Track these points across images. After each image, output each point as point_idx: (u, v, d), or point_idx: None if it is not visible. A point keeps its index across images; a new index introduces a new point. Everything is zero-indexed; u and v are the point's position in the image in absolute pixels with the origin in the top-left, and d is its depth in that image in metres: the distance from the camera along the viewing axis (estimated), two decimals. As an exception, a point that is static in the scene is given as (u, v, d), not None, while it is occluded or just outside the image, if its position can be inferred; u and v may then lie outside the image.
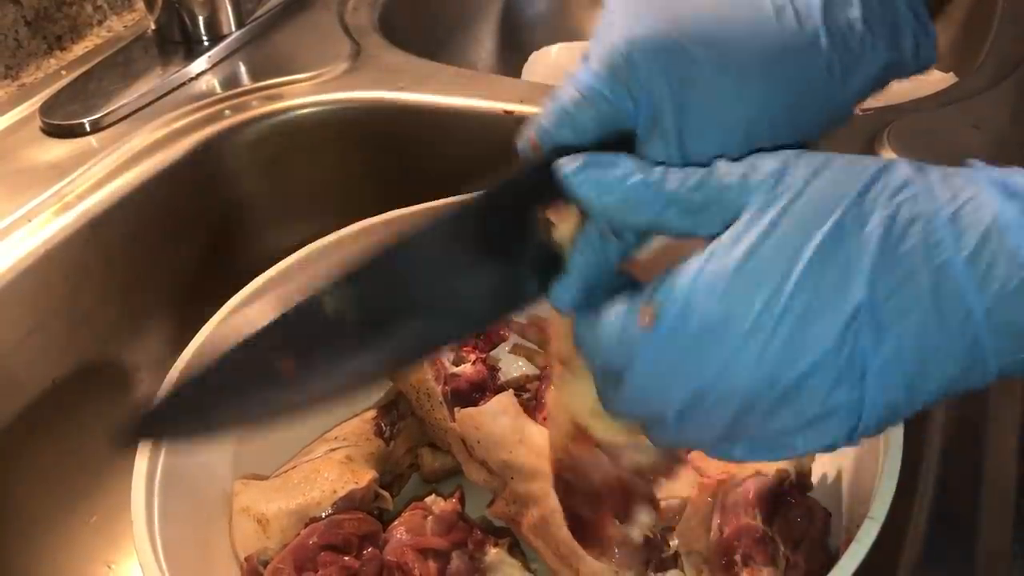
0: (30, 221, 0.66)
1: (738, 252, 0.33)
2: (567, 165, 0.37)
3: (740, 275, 0.33)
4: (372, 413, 0.62)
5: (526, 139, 0.41)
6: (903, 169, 0.34)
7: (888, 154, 0.66)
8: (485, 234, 0.39)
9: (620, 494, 0.47)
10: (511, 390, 0.56)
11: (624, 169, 0.36)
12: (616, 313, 0.36)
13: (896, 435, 0.46)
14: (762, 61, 0.38)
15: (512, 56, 1.08)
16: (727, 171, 0.35)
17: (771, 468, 0.48)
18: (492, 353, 0.62)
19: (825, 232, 0.33)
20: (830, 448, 0.35)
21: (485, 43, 1.09)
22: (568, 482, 0.48)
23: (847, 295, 0.32)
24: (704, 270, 0.34)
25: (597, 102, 0.39)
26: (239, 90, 0.80)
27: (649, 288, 0.35)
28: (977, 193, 0.33)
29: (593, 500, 0.47)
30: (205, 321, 0.58)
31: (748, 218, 0.34)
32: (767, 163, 0.35)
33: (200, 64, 0.82)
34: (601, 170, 0.37)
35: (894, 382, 0.33)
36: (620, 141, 0.39)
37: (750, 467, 0.49)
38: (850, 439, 0.34)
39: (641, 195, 0.36)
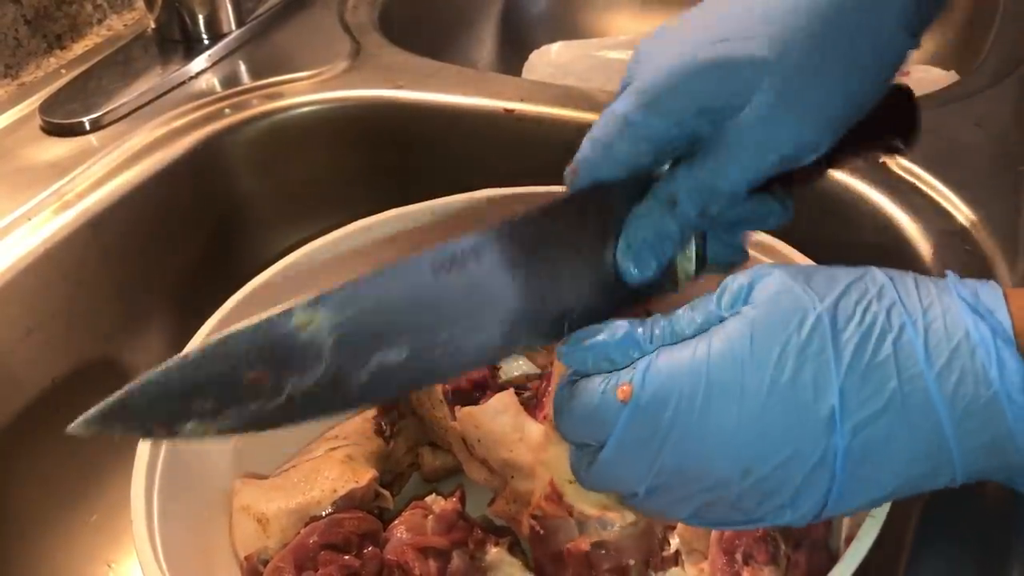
0: (30, 220, 0.66)
1: (719, 348, 0.35)
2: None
3: (720, 371, 0.34)
4: (372, 412, 0.61)
5: (570, 169, 0.42)
6: (879, 277, 0.35)
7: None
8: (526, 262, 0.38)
9: (583, 564, 0.47)
10: (511, 389, 0.55)
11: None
12: (593, 387, 0.37)
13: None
14: (821, 60, 0.37)
15: (512, 55, 1.08)
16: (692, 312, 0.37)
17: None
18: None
19: (804, 337, 0.34)
20: (797, 524, 0.37)
21: (485, 42, 1.09)
22: (539, 535, 0.48)
23: (823, 399, 0.34)
24: (684, 360, 0.35)
25: (632, 134, 0.40)
26: (239, 89, 0.80)
27: (628, 369, 0.36)
28: (950, 307, 0.34)
29: (557, 561, 0.48)
30: (205, 320, 0.58)
31: (731, 321, 0.35)
32: (740, 280, 0.37)
33: (200, 63, 0.82)
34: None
35: (862, 478, 0.35)
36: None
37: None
38: (815, 519, 0.36)
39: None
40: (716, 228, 0.43)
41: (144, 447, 0.52)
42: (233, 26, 0.85)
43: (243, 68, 0.83)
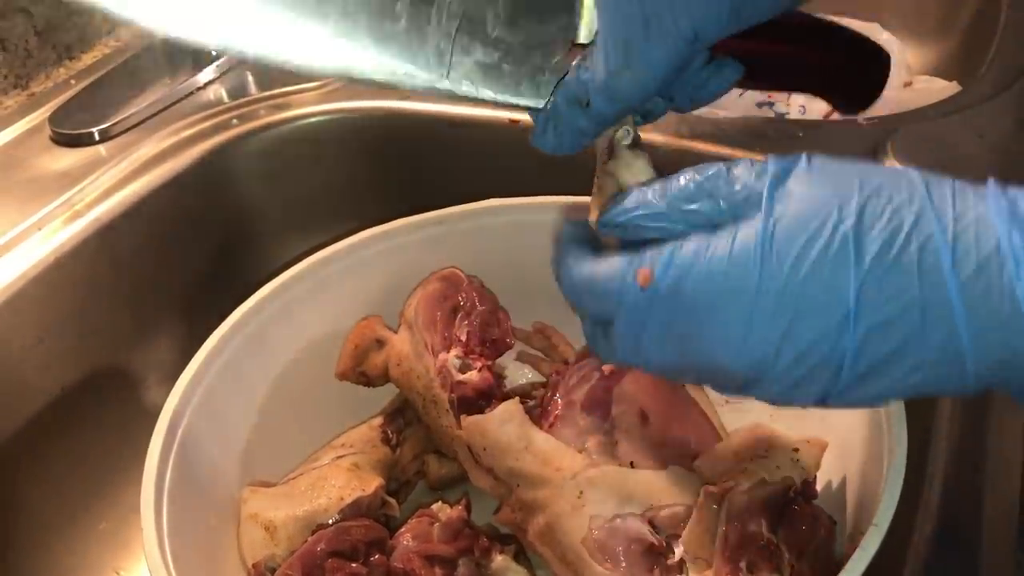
0: (40, 229, 0.67)
1: (740, 248, 0.35)
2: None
3: (738, 271, 0.35)
4: (379, 420, 0.62)
5: None
6: (915, 180, 0.35)
7: (892, 163, 0.67)
8: None
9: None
10: (517, 398, 0.56)
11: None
12: (614, 267, 0.38)
13: (900, 442, 0.46)
14: None
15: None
16: (737, 175, 0.37)
17: (777, 476, 0.48)
18: (498, 361, 0.62)
19: (825, 237, 0.34)
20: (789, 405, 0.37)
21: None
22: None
23: (838, 301, 0.33)
24: (706, 251, 0.36)
25: None
26: (247, 99, 0.80)
27: (649, 252, 0.37)
28: (984, 216, 0.33)
29: None
30: (213, 328, 0.59)
31: (757, 218, 0.35)
32: (779, 164, 0.36)
33: (208, 73, 0.82)
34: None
35: (868, 379, 0.35)
36: None
37: (755, 474, 0.49)
38: (814, 406, 0.37)
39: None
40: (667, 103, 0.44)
41: (153, 456, 0.52)
42: (241, 37, 0.86)
43: (251, 79, 0.84)
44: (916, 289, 0.33)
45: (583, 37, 0.42)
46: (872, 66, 0.44)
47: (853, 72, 0.44)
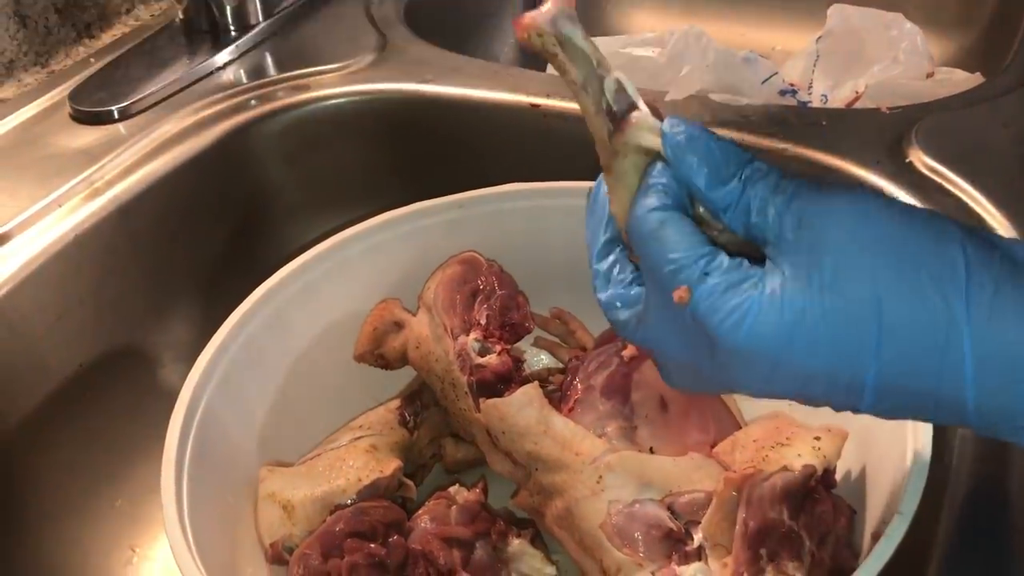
0: (60, 207, 0.67)
1: (790, 303, 0.34)
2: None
3: (767, 339, 0.35)
4: (396, 403, 0.62)
5: None
6: (957, 259, 0.34)
7: (915, 152, 0.66)
8: None
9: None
10: (536, 382, 0.56)
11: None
12: (681, 251, 0.36)
13: (925, 431, 0.46)
14: None
15: (534, 50, 1.08)
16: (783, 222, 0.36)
17: (798, 464, 0.48)
18: (516, 346, 0.62)
19: (847, 300, 0.34)
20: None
21: (507, 37, 1.09)
22: None
23: (860, 367, 0.34)
24: (733, 300, 0.35)
25: None
26: (265, 80, 0.80)
27: (697, 265, 0.36)
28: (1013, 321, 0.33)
29: None
30: (230, 308, 0.59)
31: (786, 272, 0.35)
32: (800, 210, 0.35)
33: (227, 54, 0.82)
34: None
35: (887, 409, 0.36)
36: None
37: (777, 462, 0.49)
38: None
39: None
40: None
41: (173, 435, 0.52)
42: (260, 18, 0.86)
43: (269, 60, 0.83)
44: (934, 381, 0.34)
45: None
46: None
47: None
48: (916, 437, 0.46)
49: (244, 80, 0.80)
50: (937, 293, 0.33)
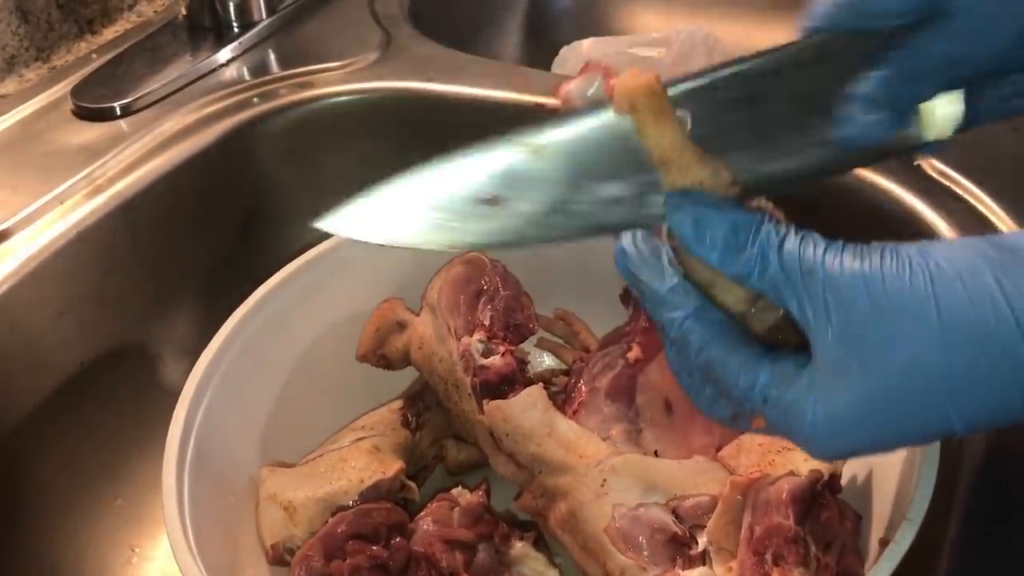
0: (62, 203, 0.66)
1: (852, 394, 0.34)
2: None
3: (859, 422, 0.34)
4: (398, 403, 0.62)
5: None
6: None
7: (924, 156, 0.66)
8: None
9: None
10: (540, 383, 0.55)
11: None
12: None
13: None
14: None
15: (538, 49, 1.08)
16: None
17: (804, 468, 0.48)
18: (520, 347, 0.61)
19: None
20: None
21: (512, 35, 1.09)
22: None
23: (943, 420, 0.33)
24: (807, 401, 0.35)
25: None
26: (268, 78, 0.80)
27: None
28: None
29: None
30: (232, 307, 0.58)
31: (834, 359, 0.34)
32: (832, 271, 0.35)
33: (229, 51, 0.82)
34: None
35: None
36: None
37: (782, 466, 0.48)
38: None
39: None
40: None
41: (175, 434, 0.52)
42: (263, 14, 0.85)
43: (272, 57, 0.83)
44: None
45: None
46: None
47: None
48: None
49: (247, 77, 0.80)
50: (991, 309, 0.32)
